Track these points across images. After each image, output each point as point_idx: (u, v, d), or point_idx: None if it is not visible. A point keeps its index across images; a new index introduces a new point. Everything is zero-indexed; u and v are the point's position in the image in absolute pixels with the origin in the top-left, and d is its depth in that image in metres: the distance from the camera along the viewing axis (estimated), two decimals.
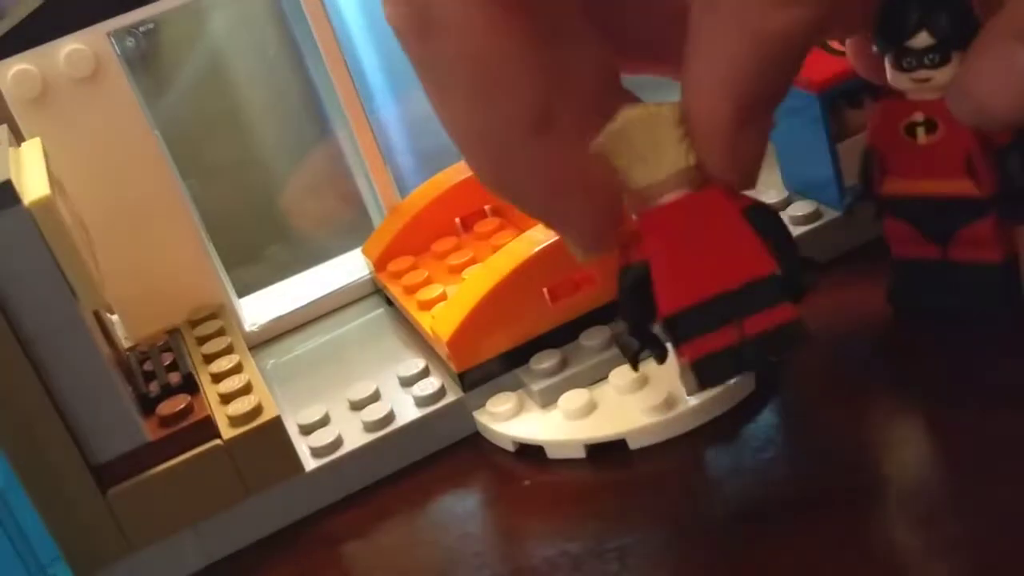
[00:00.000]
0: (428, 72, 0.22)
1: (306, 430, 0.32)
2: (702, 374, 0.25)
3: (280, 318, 0.39)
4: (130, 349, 0.34)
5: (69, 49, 0.33)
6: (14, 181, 0.26)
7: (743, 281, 0.24)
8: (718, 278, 0.24)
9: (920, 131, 0.28)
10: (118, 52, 0.34)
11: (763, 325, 0.24)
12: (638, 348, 0.26)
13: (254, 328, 0.39)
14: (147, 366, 0.32)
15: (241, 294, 0.40)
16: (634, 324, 0.26)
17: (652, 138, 0.23)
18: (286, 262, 0.45)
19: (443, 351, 0.32)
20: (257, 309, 0.40)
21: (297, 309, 0.39)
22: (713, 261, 0.24)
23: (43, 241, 0.26)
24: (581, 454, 0.30)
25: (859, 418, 0.28)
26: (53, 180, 0.29)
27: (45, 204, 0.26)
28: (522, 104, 0.22)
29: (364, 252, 0.39)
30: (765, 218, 0.25)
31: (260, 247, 0.47)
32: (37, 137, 0.31)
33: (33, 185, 0.27)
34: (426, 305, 0.34)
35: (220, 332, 0.35)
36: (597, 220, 0.24)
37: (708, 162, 0.23)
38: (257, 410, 0.30)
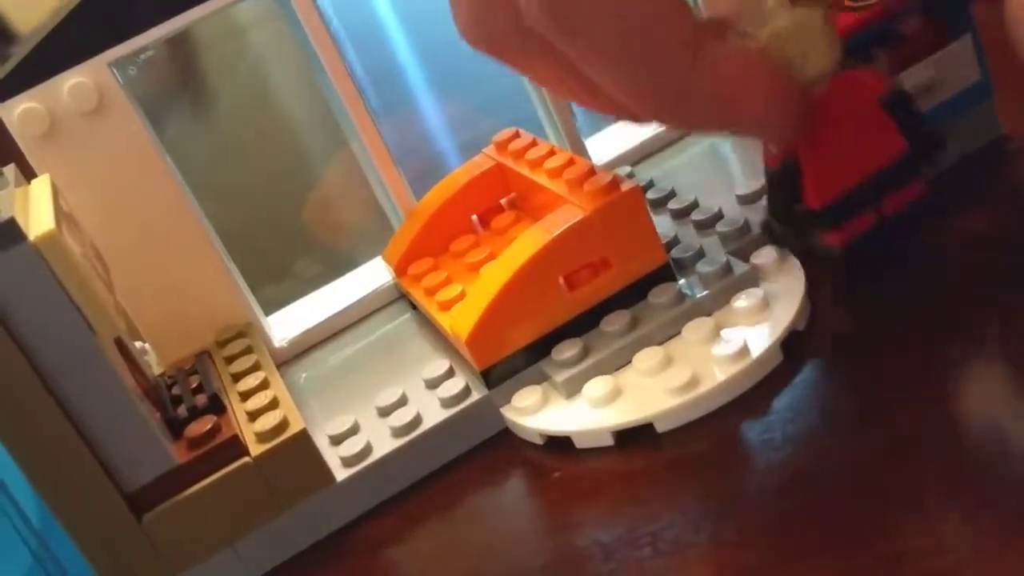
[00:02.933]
0: (579, 51, 0.23)
1: (336, 440, 0.32)
2: (853, 256, 0.28)
3: (308, 331, 0.39)
4: (160, 376, 0.34)
5: (72, 83, 0.34)
6: (19, 219, 0.26)
7: (879, 166, 0.27)
8: (858, 165, 0.27)
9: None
10: (120, 82, 0.34)
11: (899, 203, 0.27)
12: (780, 231, 0.30)
13: (283, 344, 0.39)
14: (175, 390, 0.32)
15: (271, 311, 0.40)
16: (780, 210, 0.29)
17: (801, 42, 0.25)
18: (314, 276, 0.46)
19: (464, 350, 0.32)
20: (285, 325, 0.40)
21: (324, 321, 0.39)
22: (853, 149, 0.27)
23: (52, 275, 0.26)
24: (609, 441, 0.29)
25: (888, 382, 0.27)
26: (62, 215, 0.29)
27: (50, 239, 0.26)
28: (678, 32, 0.23)
29: (384, 258, 0.39)
30: (897, 101, 0.27)
31: (287, 263, 0.48)
32: (46, 174, 0.31)
33: (39, 221, 0.27)
34: (446, 305, 0.34)
35: (247, 350, 0.35)
36: (784, 106, 0.25)
37: None
38: (283, 425, 0.30)
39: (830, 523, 0.24)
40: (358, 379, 0.36)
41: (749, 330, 0.30)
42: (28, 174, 0.33)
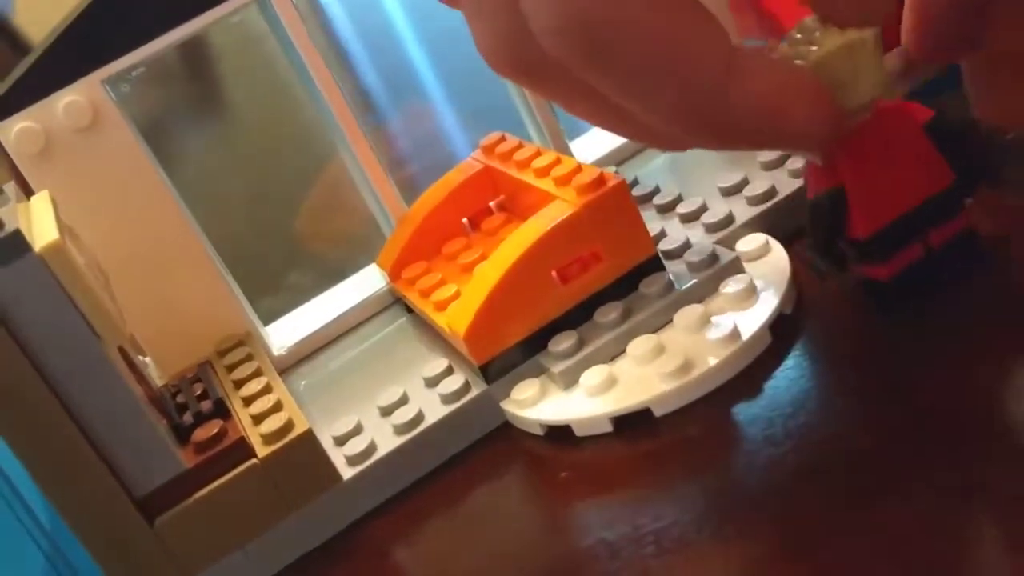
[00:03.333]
0: (607, 81, 0.22)
1: (340, 441, 0.33)
2: (900, 288, 0.27)
3: (307, 339, 0.40)
4: (163, 386, 0.34)
5: (66, 102, 0.34)
6: (24, 231, 0.27)
7: (925, 196, 0.26)
8: (904, 196, 0.26)
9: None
10: (114, 99, 0.35)
11: (946, 236, 0.27)
12: (825, 268, 0.29)
13: (282, 352, 0.39)
14: (179, 398, 0.33)
15: (268, 321, 0.41)
16: (824, 244, 0.28)
17: (852, 66, 0.24)
18: (309, 287, 0.46)
19: (462, 347, 0.32)
20: (283, 333, 0.40)
21: (321, 328, 0.40)
22: (898, 180, 0.26)
23: (58, 284, 0.27)
24: (608, 428, 0.30)
25: (883, 359, 0.28)
26: (63, 227, 0.30)
27: (56, 248, 0.27)
28: (711, 48, 0.22)
29: (378, 263, 0.40)
30: (944, 129, 0.26)
31: (282, 275, 0.48)
32: (45, 190, 0.32)
33: (43, 233, 0.28)
34: (442, 305, 0.35)
35: (248, 358, 0.36)
36: (827, 117, 0.24)
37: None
38: (288, 426, 0.30)
39: (827, 510, 0.24)
40: (358, 382, 0.37)
41: (738, 315, 0.31)
42: (26, 192, 0.34)
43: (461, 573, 0.29)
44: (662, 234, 0.36)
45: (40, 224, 0.29)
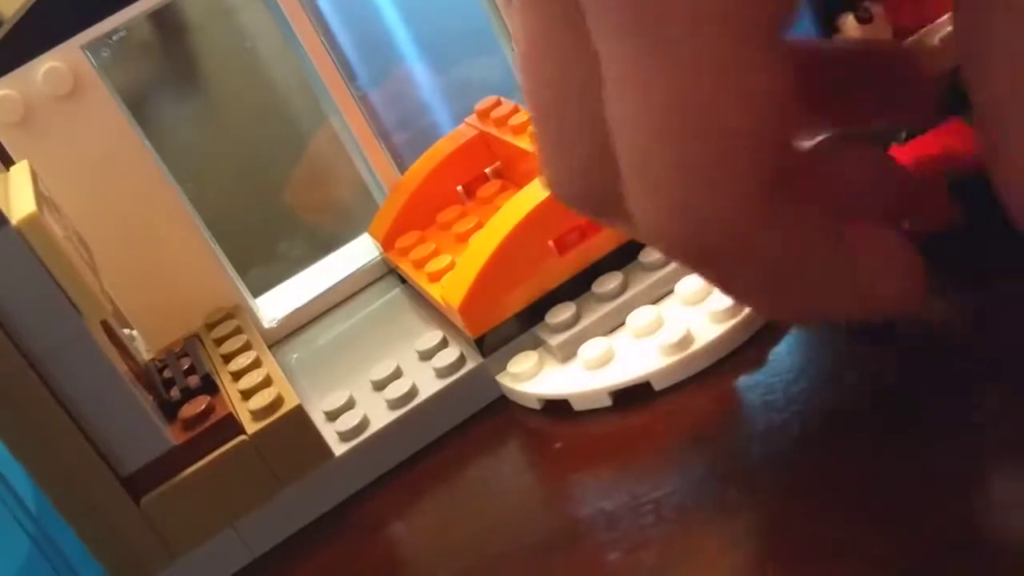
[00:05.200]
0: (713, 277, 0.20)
1: (332, 416, 0.32)
2: None
3: (297, 311, 0.39)
4: (150, 360, 0.34)
5: (46, 68, 0.33)
6: (0, 204, 0.26)
7: None
8: None
9: None
10: (94, 65, 0.34)
11: None
12: None
13: (273, 324, 0.38)
14: (166, 373, 0.32)
15: (258, 294, 0.40)
16: None
17: None
18: (301, 256, 0.45)
19: (457, 319, 0.31)
20: (274, 305, 0.39)
21: (313, 300, 0.39)
22: None
23: (36, 258, 0.26)
24: (607, 402, 0.29)
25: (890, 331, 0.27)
26: (43, 199, 0.29)
27: (33, 221, 0.26)
28: (847, 280, 0.20)
29: (371, 233, 0.39)
30: None
31: (273, 245, 0.47)
32: (25, 160, 0.31)
33: (20, 205, 0.27)
34: (436, 276, 0.34)
35: (237, 331, 0.35)
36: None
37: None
38: (278, 401, 0.30)
39: (830, 483, 0.24)
40: (350, 355, 0.36)
41: None
42: (4, 162, 0.33)
43: (457, 547, 0.28)
44: None
45: (18, 196, 0.28)
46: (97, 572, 0.28)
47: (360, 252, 0.40)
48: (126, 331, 0.36)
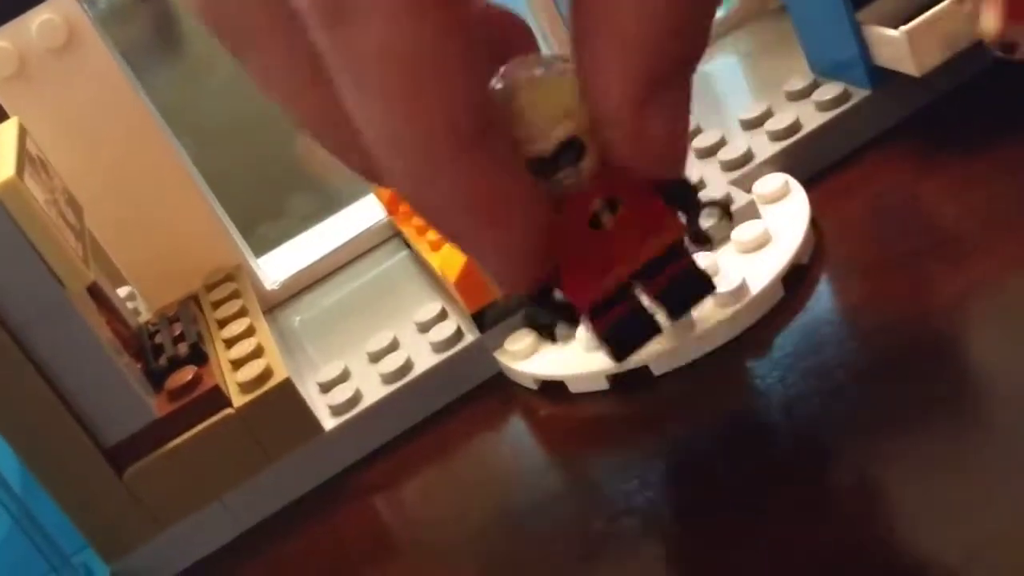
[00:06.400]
0: (339, 64, 0.18)
1: (325, 388, 0.31)
2: (617, 342, 0.22)
3: (301, 272, 0.38)
4: (143, 324, 0.33)
5: (40, 20, 0.32)
6: None
7: (651, 256, 0.21)
8: (629, 260, 0.21)
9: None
10: (90, 16, 0.33)
11: (666, 280, 0.22)
12: (549, 320, 0.25)
13: (275, 286, 0.38)
14: (158, 339, 0.31)
15: (268, 249, 0.39)
16: (539, 297, 0.22)
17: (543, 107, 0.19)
18: (310, 212, 0.45)
19: (454, 292, 0.30)
20: (278, 266, 0.39)
21: (317, 261, 0.38)
22: (624, 245, 0.21)
23: (13, 224, 0.25)
24: (604, 385, 0.28)
25: (897, 315, 0.26)
26: (29, 160, 0.28)
27: (10, 187, 0.25)
28: (456, 110, 0.18)
29: (376, 194, 0.38)
30: (674, 187, 0.21)
31: (283, 200, 0.46)
32: (14, 117, 0.30)
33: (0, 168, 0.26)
34: (436, 245, 0.33)
35: (235, 295, 0.34)
36: (525, 257, 0.20)
37: (613, 152, 0.19)
38: (267, 374, 0.29)
39: (823, 471, 0.23)
40: (351, 322, 0.35)
41: (749, 266, 0.28)
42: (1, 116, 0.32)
43: (446, 525, 0.27)
44: None
45: (0, 157, 0.27)
46: (80, 546, 0.28)
47: (368, 212, 0.39)
48: (124, 289, 0.36)
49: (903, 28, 0.29)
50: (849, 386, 0.25)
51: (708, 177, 0.32)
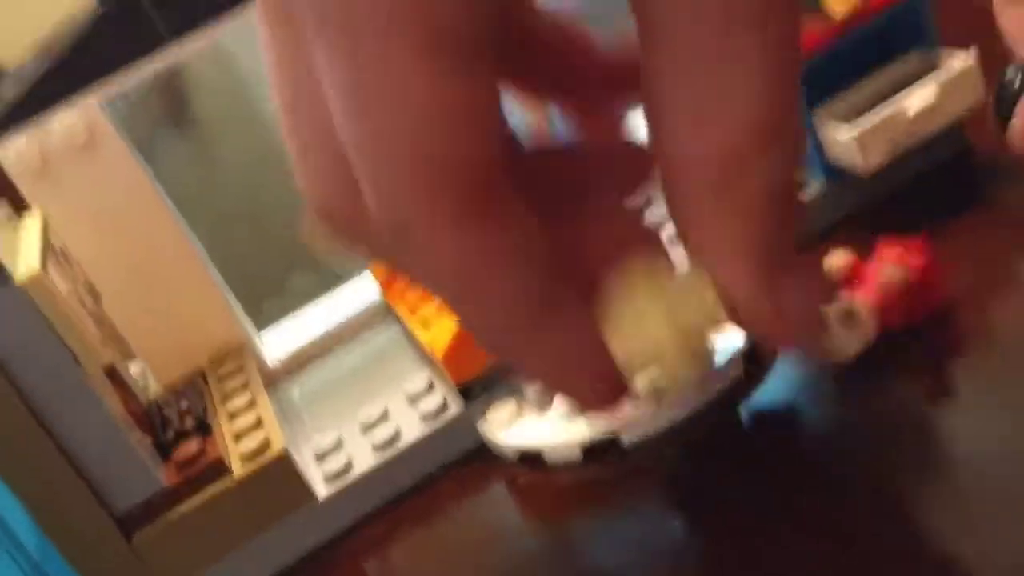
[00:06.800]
0: (418, 275, 0.19)
1: (320, 457, 0.33)
2: None
3: (301, 349, 0.41)
4: (152, 400, 0.36)
5: (63, 120, 0.35)
6: (7, 259, 0.28)
7: None
8: None
9: None
10: (110, 117, 0.36)
11: None
12: None
13: (277, 362, 0.40)
14: (166, 412, 0.34)
15: (272, 322, 0.42)
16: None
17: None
18: (312, 288, 0.47)
19: (441, 366, 0.33)
20: (280, 342, 0.41)
21: (316, 339, 0.41)
22: None
23: (38, 313, 0.28)
24: (578, 456, 0.30)
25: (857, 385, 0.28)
26: (52, 251, 0.31)
27: (37, 279, 0.28)
28: (518, 301, 0.18)
29: (373, 272, 0.40)
30: None
31: (286, 277, 0.49)
32: (37, 211, 0.33)
33: (26, 262, 0.29)
34: (426, 322, 0.35)
35: (239, 370, 0.37)
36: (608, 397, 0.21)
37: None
38: (265, 445, 0.31)
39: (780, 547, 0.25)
40: (347, 393, 0.37)
41: (716, 334, 0.30)
42: (23, 208, 0.35)
43: None
44: None
45: (26, 251, 0.30)
46: None
47: (364, 289, 0.42)
48: (135, 365, 0.38)
49: (851, 131, 0.32)
50: (811, 450, 0.27)
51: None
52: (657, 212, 0.21)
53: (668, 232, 0.20)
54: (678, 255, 0.20)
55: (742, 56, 0.18)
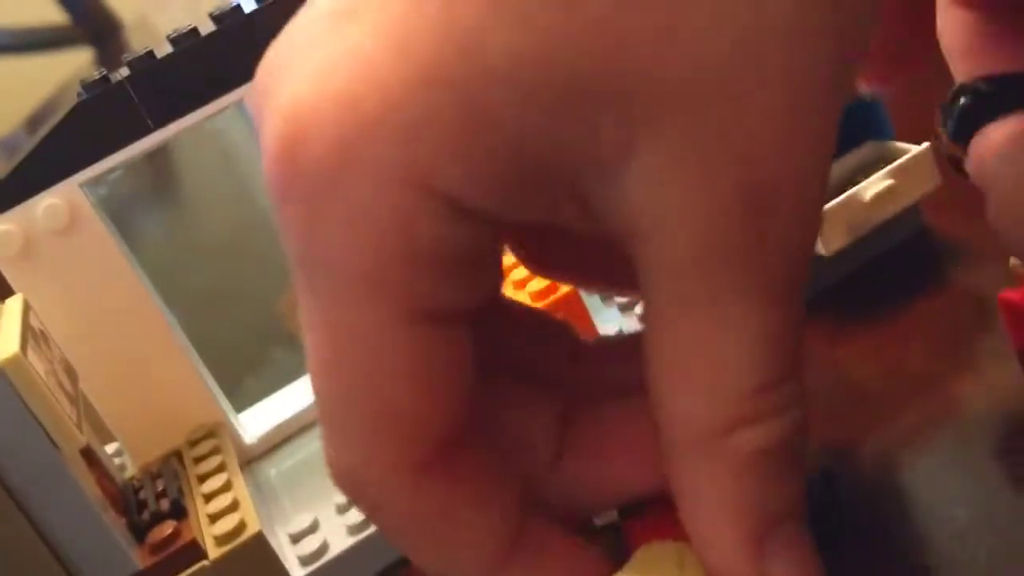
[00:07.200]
0: None
1: (295, 539, 0.34)
2: None
3: (278, 427, 0.41)
4: (128, 480, 0.36)
5: (45, 204, 0.36)
6: None
7: None
8: None
9: None
10: (92, 201, 0.36)
11: None
12: None
13: (254, 441, 0.40)
14: (142, 494, 0.34)
15: (252, 401, 0.42)
16: None
17: None
18: (293, 366, 0.48)
19: None
20: (257, 421, 0.41)
21: (292, 417, 0.41)
22: None
23: (17, 397, 0.28)
24: None
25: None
26: (31, 334, 0.31)
27: (15, 362, 0.28)
28: (482, 551, 0.19)
29: None
30: None
31: (266, 354, 0.50)
32: (19, 295, 0.33)
33: (5, 344, 0.29)
34: None
35: (215, 451, 0.37)
36: None
37: None
38: (240, 527, 0.31)
39: None
40: (323, 473, 0.37)
41: None
42: (5, 290, 0.36)
43: None
44: (620, 335, 0.36)
45: (5, 333, 0.30)
46: None
47: None
48: (112, 446, 0.39)
49: None
50: None
51: None
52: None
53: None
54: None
55: (735, 322, 0.17)
